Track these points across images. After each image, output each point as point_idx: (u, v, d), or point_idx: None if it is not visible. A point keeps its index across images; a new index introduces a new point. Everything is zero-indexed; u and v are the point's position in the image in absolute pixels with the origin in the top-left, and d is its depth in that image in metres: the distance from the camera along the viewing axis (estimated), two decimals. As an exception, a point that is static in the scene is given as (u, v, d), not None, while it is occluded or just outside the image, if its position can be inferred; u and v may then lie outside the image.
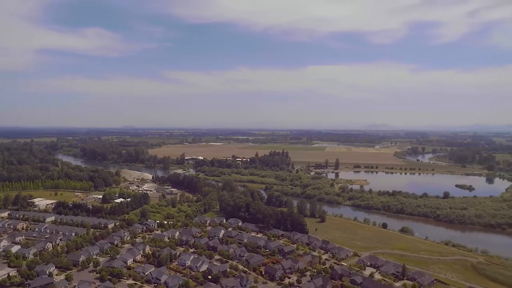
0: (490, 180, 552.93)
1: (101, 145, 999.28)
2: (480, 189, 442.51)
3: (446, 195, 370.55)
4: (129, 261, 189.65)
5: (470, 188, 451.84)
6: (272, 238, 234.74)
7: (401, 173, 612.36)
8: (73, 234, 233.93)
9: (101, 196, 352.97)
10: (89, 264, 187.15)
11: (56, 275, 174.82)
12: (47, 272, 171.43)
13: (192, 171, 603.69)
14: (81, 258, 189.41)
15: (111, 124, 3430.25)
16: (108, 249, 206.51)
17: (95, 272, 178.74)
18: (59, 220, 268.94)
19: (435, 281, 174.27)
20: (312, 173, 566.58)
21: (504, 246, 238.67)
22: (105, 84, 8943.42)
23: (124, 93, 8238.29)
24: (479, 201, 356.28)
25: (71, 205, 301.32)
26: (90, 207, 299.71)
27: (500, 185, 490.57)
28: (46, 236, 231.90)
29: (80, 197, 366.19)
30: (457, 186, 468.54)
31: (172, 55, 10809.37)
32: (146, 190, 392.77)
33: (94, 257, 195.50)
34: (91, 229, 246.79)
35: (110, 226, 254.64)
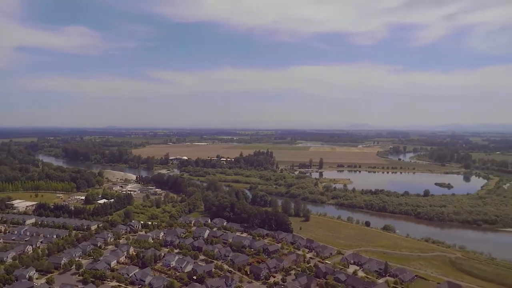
0: (467, 178, 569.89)
1: (84, 145, 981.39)
2: (458, 187, 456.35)
3: (426, 193, 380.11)
4: (113, 263, 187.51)
5: (449, 186, 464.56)
6: (257, 238, 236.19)
7: (383, 172, 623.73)
8: (55, 236, 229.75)
9: (83, 197, 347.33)
10: (71, 266, 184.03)
11: (37, 279, 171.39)
12: (27, 276, 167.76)
13: (176, 171, 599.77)
14: (63, 261, 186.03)
15: (94, 124, 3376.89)
16: (91, 251, 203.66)
17: (77, 275, 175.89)
18: (39, 222, 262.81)
19: (415, 277, 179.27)
20: (296, 173, 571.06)
21: (480, 242, 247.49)
22: (88, 83, 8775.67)
23: (107, 93, 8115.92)
24: (457, 198, 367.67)
25: (52, 207, 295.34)
26: (72, 208, 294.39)
27: (476, 183, 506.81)
28: (26, 239, 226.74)
29: (61, 198, 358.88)
30: (436, 184, 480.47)
31: (156, 55, 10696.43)
32: (130, 191, 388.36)
33: (77, 259, 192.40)
34: (74, 231, 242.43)
35: (93, 227, 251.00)
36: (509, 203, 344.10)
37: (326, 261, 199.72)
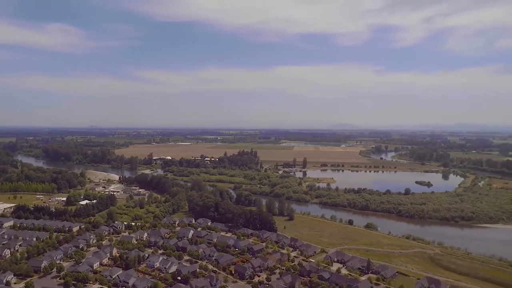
0: (445, 176, 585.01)
1: (65, 146, 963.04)
2: (437, 185, 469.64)
3: (407, 192, 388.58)
4: (95, 265, 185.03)
5: (429, 184, 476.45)
6: (242, 237, 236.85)
7: (366, 171, 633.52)
8: (34, 239, 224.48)
9: (65, 198, 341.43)
10: (52, 269, 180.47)
11: (15, 283, 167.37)
12: (4, 281, 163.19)
13: (160, 171, 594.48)
14: (43, 264, 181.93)
15: (75, 123, 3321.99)
16: (73, 253, 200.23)
17: (58, 278, 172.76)
18: (18, 225, 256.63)
19: (397, 273, 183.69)
20: (280, 172, 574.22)
21: (457, 238, 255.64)
22: (70, 82, 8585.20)
23: (90, 92, 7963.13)
24: (436, 196, 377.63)
25: (32, 209, 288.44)
26: (53, 210, 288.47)
27: (454, 181, 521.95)
28: (4, 242, 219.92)
29: (42, 199, 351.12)
30: (417, 182, 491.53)
31: (141, 54, 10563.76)
32: (113, 191, 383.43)
33: (58, 262, 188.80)
34: (54, 233, 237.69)
35: (75, 229, 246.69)
36: (483, 200, 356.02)
37: (310, 260, 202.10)
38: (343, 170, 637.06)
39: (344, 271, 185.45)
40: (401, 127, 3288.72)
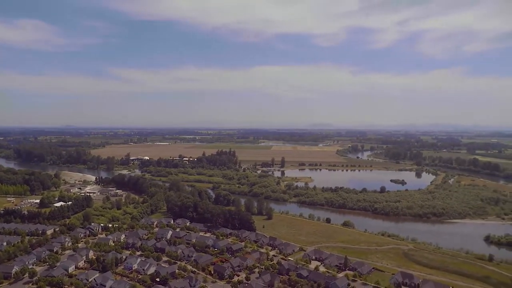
0: (418, 175, 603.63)
1: (38, 146, 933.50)
2: (410, 183, 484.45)
3: (382, 190, 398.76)
4: (71, 268, 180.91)
5: (403, 183, 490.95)
6: (221, 237, 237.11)
7: (343, 170, 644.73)
8: (5, 243, 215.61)
9: (38, 201, 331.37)
10: (24, 275, 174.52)
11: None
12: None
13: (137, 172, 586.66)
14: (14, 269, 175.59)
15: (49, 123, 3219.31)
16: (47, 257, 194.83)
17: (31, 284, 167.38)
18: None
19: (373, 269, 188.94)
20: (259, 172, 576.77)
21: (429, 233, 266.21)
22: (43, 80, 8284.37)
23: (65, 91, 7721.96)
24: (409, 194, 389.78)
25: (2, 212, 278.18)
26: (26, 212, 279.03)
27: (426, 179, 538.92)
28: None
29: (13, 202, 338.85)
30: (391, 181, 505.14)
31: (117, 52, 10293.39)
32: (89, 193, 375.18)
33: (30, 267, 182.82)
34: (27, 237, 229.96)
35: (49, 232, 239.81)
36: (453, 197, 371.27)
37: (289, 258, 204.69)
38: (320, 169, 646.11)
39: (322, 268, 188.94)
40: (377, 126, 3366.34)
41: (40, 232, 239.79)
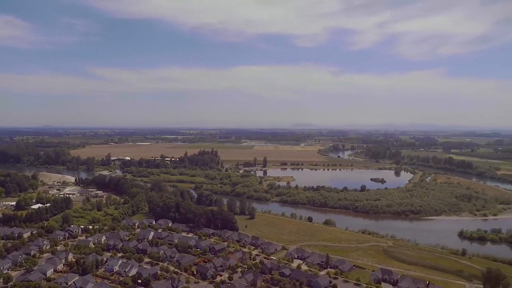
0: (397, 173, 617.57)
1: (14, 146, 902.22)
2: (390, 182, 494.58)
3: (362, 188, 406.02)
4: (49, 272, 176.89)
5: (382, 181, 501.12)
6: (203, 237, 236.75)
7: (324, 169, 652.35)
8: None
9: (14, 203, 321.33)
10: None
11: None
12: None
13: (118, 172, 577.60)
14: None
15: (26, 123, 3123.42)
16: (23, 261, 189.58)
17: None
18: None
19: (354, 267, 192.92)
20: (241, 171, 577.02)
21: (407, 230, 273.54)
22: (18, 79, 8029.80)
23: (42, 90, 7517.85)
24: (389, 192, 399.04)
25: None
26: (1, 215, 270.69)
27: (405, 177, 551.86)
28: None
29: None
30: (372, 179, 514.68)
31: (97, 51, 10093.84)
32: (68, 194, 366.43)
33: (5, 271, 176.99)
34: (2, 240, 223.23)
35: (26, 235, 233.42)
36: (430, 194, 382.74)
37: (272, 257, 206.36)
38: (302, 169, 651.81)
39: (304, 267, 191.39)
40: (357, 126, 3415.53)
41: (16, 235, 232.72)
